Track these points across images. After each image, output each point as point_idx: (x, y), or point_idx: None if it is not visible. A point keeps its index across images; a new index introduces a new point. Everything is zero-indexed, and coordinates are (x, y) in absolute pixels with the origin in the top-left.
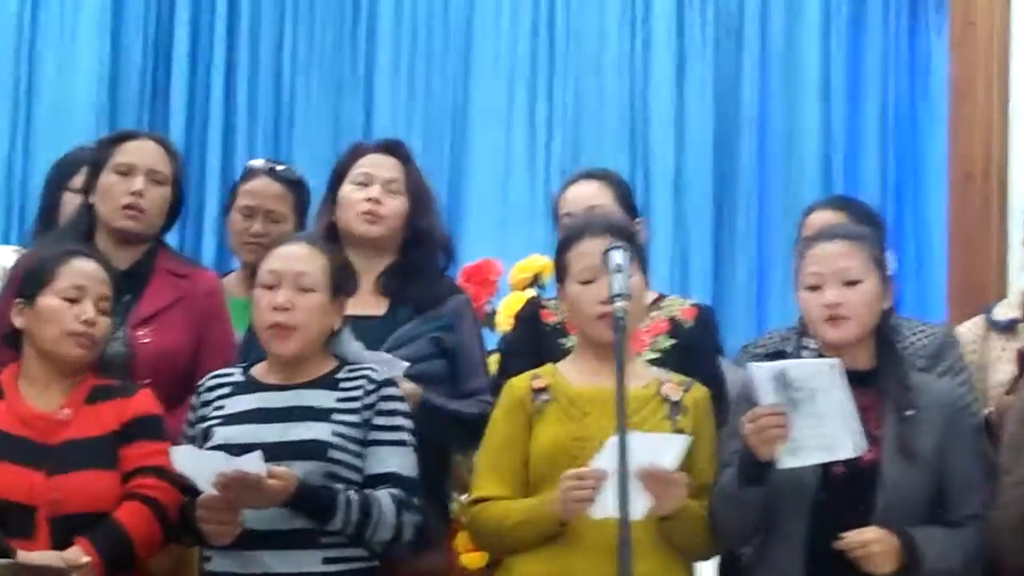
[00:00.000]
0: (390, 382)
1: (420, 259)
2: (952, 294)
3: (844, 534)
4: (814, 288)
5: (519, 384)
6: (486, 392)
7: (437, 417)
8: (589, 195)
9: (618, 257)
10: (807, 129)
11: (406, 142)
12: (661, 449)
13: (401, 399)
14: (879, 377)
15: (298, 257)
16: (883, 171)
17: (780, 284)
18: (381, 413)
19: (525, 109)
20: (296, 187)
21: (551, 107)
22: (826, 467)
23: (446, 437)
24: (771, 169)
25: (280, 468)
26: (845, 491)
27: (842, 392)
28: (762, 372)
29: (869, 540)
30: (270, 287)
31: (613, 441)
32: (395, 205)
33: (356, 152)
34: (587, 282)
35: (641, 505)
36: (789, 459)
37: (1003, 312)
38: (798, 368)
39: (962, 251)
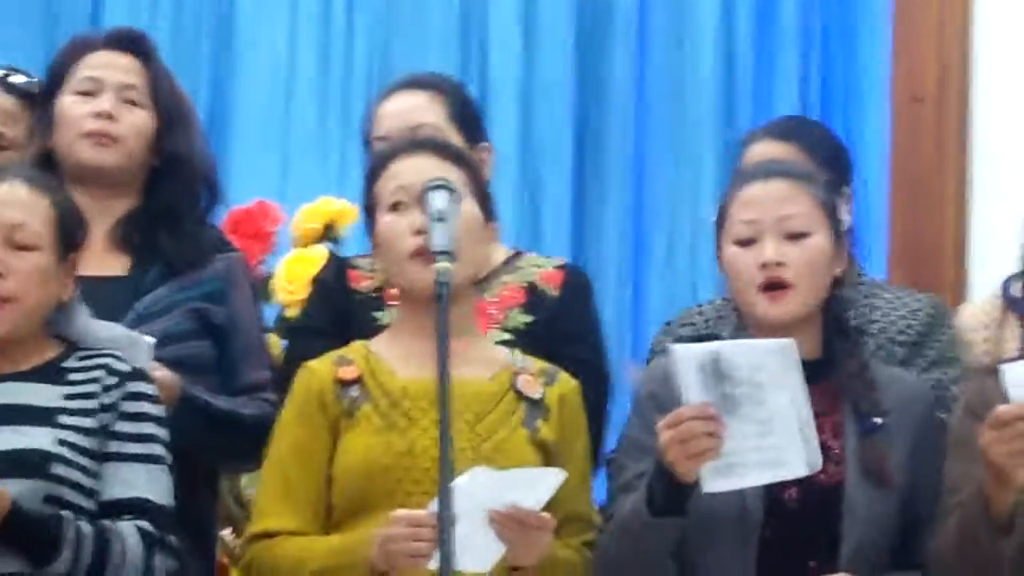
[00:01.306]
0: (139, 375)
1: (174, 198)
2: (895, 252)
3: None
4: (745, 243)
5: (320, 372)
6: (268, 387)
7: (201, 420)
8: (411, 108)
9: (439, 200)
10: (702, 32)
11: (153, 38)
12: (527, 485)
13: (154, 399)
14: (832, 369)
15: (10, 203)
16: (803, 92)
17: (664, 237)
18: (125, 417)
19: None
20: (36, 102)
21: None
22: (774, 491)
23: (213, 448)
24: (653, 85)
25: None
26: (800, 524)
27: (797, 387)
28: (687, 358)
29: None
30: None
31: (464, 476)
32: (135, 121)
33: (77, 48)
34: (397, 208)
35: (491, 553)
36: (719, 480)
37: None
38: (738, 353)
39: (908, 197)
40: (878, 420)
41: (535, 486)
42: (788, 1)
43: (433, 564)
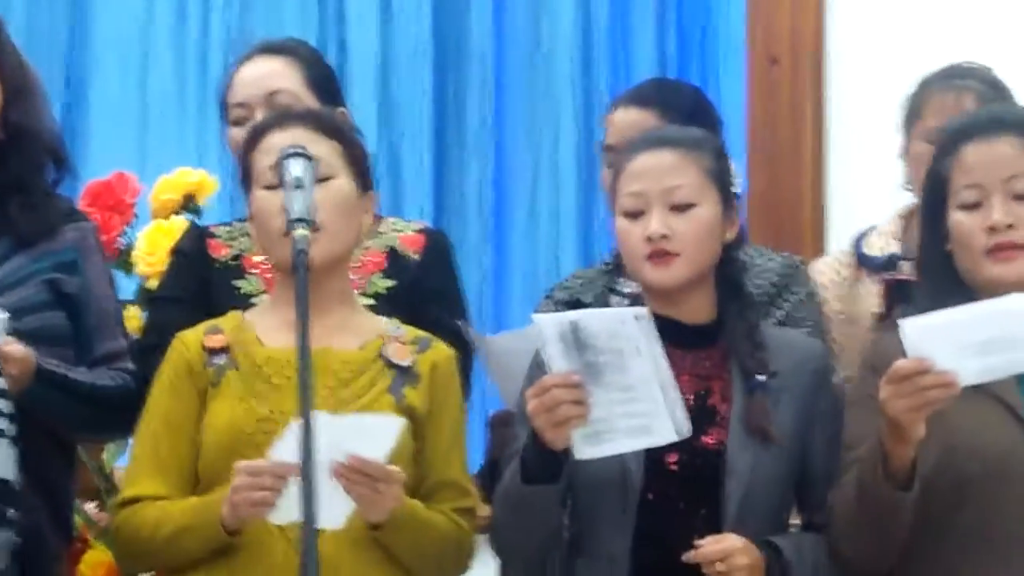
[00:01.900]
0: None
1: (22, 171)
2: (754, 215)
3: (700, 542)
4: (633, 215)
5: (190, 341)
6: (126, 357)
7: (57, 393)
8: (268, 74)
9: (296, 167)
10: None
11: (5, 7)
12: (367, 435)
13: None
14: (722, 333)
15: None
16: (660, 56)
17: (525, 202)
18: None
19: None
20: None
21: None
22: (655, 455)
23: (72, 421)
24: (511, 45)
25: None
26: (682, 488)
27: (657, 355)
28: (548, 327)
29: (731, 550)
30: None
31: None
32: None
33: None
34: (271, 186)
35: (341, 510)
36: (589, 447)
37: (877, 244)
38: (594, 321)
39: (766, 161)
40: (762, 378)
41: (376, 435)
42: None
43: (280, 515)
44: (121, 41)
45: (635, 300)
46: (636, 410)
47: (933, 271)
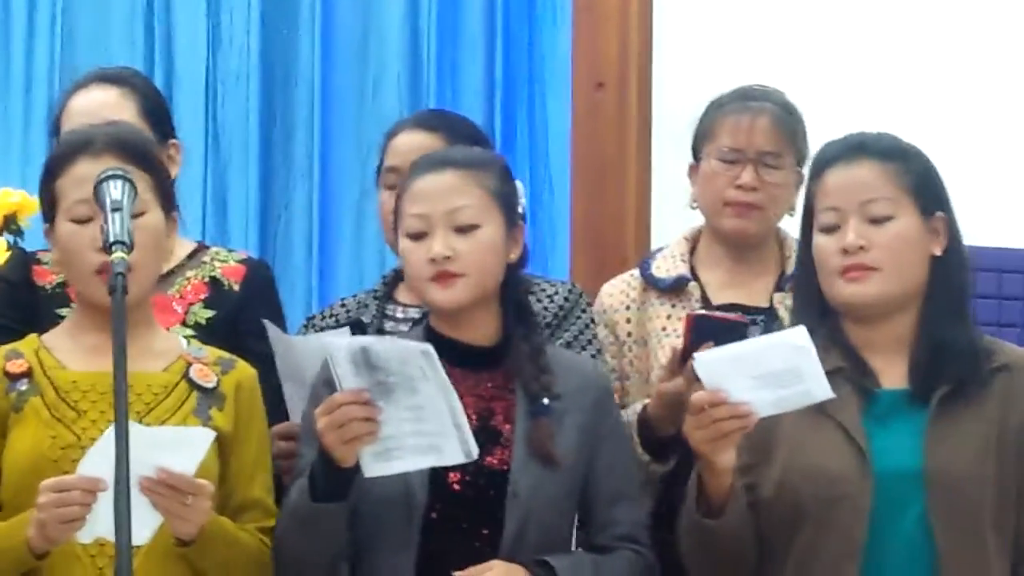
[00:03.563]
0: None
1: None
2: (578, 239)
3: (459, 573)
4: (417, 236)
5: None
6: None
7: None
8: (104, 104)
9: (115, 190)
10: (387, 20)
11: None
12: (176, 447)
13: None
14: (507, 356)
15: None
16: (488, 81)
17: (351, 228)
18: None
19: None
20: None
21: None
22: (438, 475)
23: None
24: (339, 69)
25: None
26: (465, 508)
27: (445, 385)
28: (339, 349)
29: None
30: None
31: (108, 436)
32: None
33: None
34: (81, 220)
35: (148, 524)
36: (378, 464)
37: (665, 267)
38: (384, 346)
39: (591, 184)
40: (546, 401)
41: (185, 447)
42: None
43: (87, 532)
44: None
45: (415, 324)
46: (425, 429)
47: (803, 295)
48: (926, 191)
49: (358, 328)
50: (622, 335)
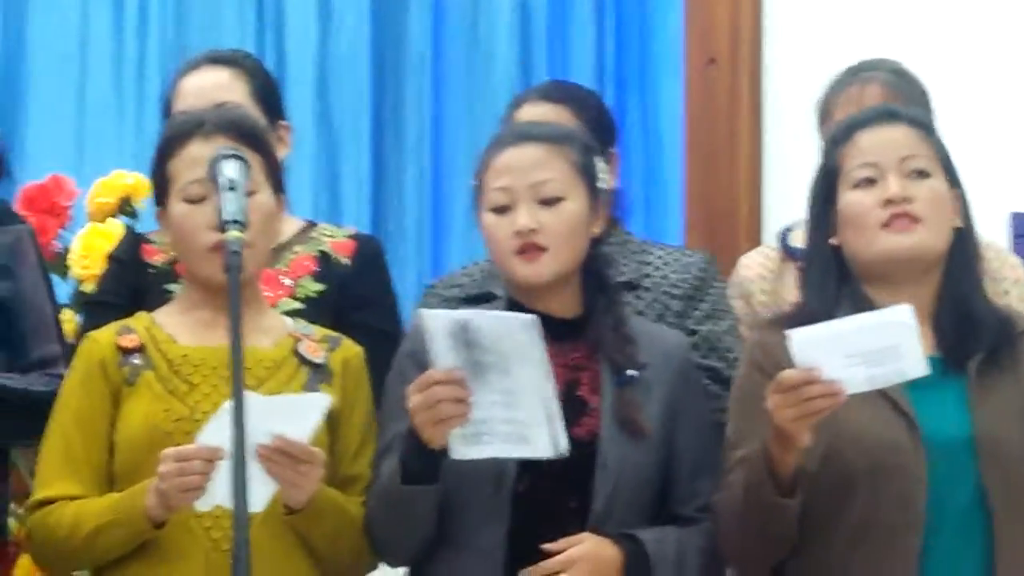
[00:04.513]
0: None
1: None
2: (691, 216)
3: (547, 546)
4: (501, 210)
5: (102, 341)
6: (60, 362)
7: None
8: (215, 85)
9: (230, 169)
10: (497, 1)
11: None
12: (291, 414)
13: None
14: (590, 327)
15: None
16: (599, 58)
17: (463, 207)
18: None
19: None
20: None
21: None
22: None
23: (3, 426)
24: (449, 49)
25: None
26: (553, 479)
27: (542, 366)
28: (437, 322)
29: (574, 559)
30: None
31: (227, 406)
32: None
33: None
34: (194, 200)
35: (263, 492)
36: (467, 447)
37: (803, 237)
38: (485, 321)
39: (704, 160)
40: (632, 372)
41: (300, 415)
42: None
43: (205, 500)
44: (58, 45)
45: (510, 303)
46: (516, 417)
47: (820, 265)
48: (950, 165)
49: (485, 302)
50: (756, 306)
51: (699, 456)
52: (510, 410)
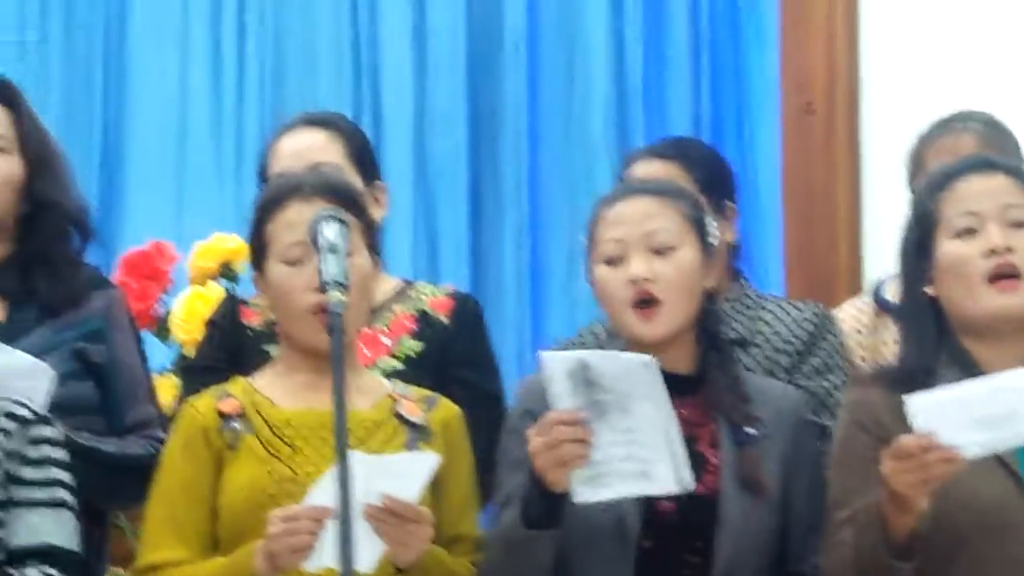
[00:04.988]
0: (42, 419)
1: (47, 243)
2: (790, 265)
3: None
4: (614, 262)
5: (201, 407)
6: (156, 425)
7: (89, 465)
8: (312, 147)
9: (330, 231)
10: (592, 49)
11: (41, 74)
12: (398, 474)
13: (58, 442)
14: (705, 384)
15: None
16: (695, 108)
17: (562, 263)
18: (30, 463)
19: (206, 30)
20: None
21: (242, 25)
22: (650, 502)
23: (104, 492)
24: (546, 105)
25: None
26: (676, 536)
27: (662, 403)
28: (556, 363)
29: None
30: None
31: (335, 467)
32: (4, 169)
33: None
34: (293, 262)
35: (372, 553)
36: (589, 490)
37: (896, 290)
38: (604, 361)
39: (801, 208)
40: (752, 431)
41: (410, 473)
42: (677, 18)
43: (314, 561)
44: (157, 112)
45: None
46: (638, 455)
47: (916, 318)
48: None
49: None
50: (856, 360)
51: (815, 513)
52: (632, 448)
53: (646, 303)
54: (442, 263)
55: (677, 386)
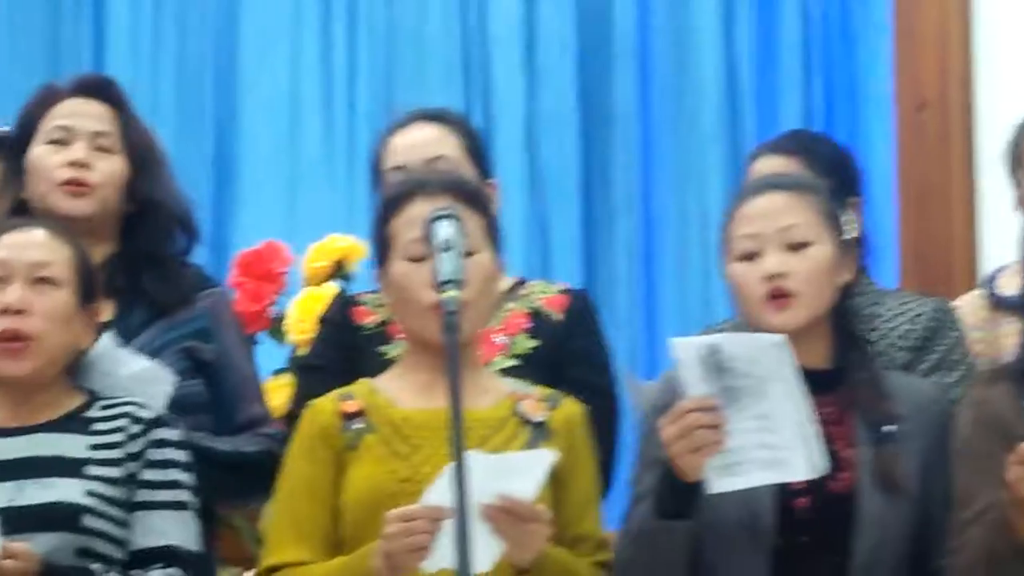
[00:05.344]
0: (163, 421)
1: (152, 242)
2: (906, 262)
3: None
4: (748, 257)
5: (324, 408)
6: (267, 421)
7: (203, 463)
8: (428, 141)
9: (446, 229)
10: (703, 49)
11: (157, 81)
12: (515, 472)
13: (178, 444)
14: (843, 380)
15: (34, 244)
16: (807, 103)
17: (673, 259)
18: (152, 465)
19: (317, 29)
20: (4, 150)
21: (353, 26)
22: (785, 500)
23: (218, 491)
24: (657, 105)
25: (19, 544)
26: (811, 534)
27: (793, 385)
28: (688, 350)
29: None
30: None
31: (451, 466)
32: (108, 168)
33: (47, 97)
34: (416, 259)
35: (490, 553)
36: (722, 479)
37: (1010, 283)
38: (735, 344)
39: (916, 205)
40: (890, 428)
41: (526, 471)
42: (789, 15)
43: (432, 562)
44: (269, 113)
45: None
46: (772, 441)
47: None
48: None
49: None
50: (975, 355)
51: (948, 512)
52: (765, 434)
53: (779, 296)
54: (554, 261)
55: (813, 382)
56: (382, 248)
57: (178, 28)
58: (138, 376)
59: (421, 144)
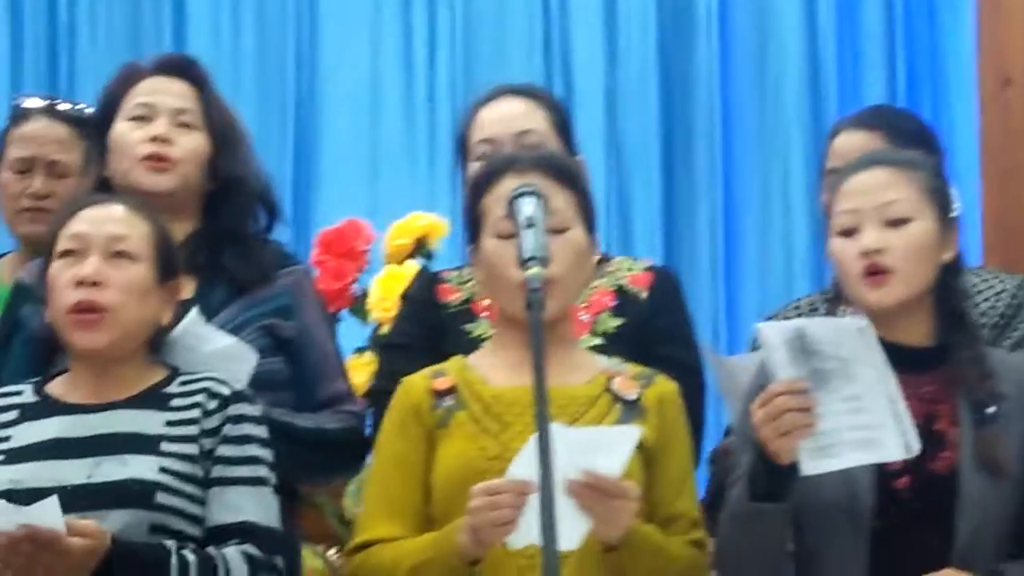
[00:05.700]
0: (241, 396)
1: (233, 220)
2: (989, 238)
3: None
4: (848, 233)
5: (416, 385)
6: (350, 398)
7: (283, 440)
8: (516, 115)
9: (528, 206)
10: (785, 25)
11: (237, 60)
12: (601, 448)
13: (257, 419)
14: (945, 358)
15: (112, 218)
16: (890, 79)
17: (755, 236)
18: (229, 440)
19: (397, 10)
20: (88, 129)
21: (433, 7)
22: (885, 480)
23: (301, 468)
24: (738, 81)
25: (85, 521)
26: (912, 515)
27: (881, 367)
28: (774, 334)
29: None
30: (72, 256)
31: (535, 440)
32: (190, 144)
33: (130, 76)
34: (506, 236)
35: (577, 529)
36: (815, 460)
37: None
38: (820, 328)
39: (1000, 181)
40: (993, 409)
41: (611, 448)
42: None
43: (519, 538)
44: (350, 93)
45: None
46: (863, 422)
47: None
48: None
49: None
50: None
51: None
52: (856, 416)
53: (876, 273)
54: (635, 237)
55: (915, 359)
56: (473, 225)
57: (256, 12)
58: (221, 353)
59: (509, 117)
